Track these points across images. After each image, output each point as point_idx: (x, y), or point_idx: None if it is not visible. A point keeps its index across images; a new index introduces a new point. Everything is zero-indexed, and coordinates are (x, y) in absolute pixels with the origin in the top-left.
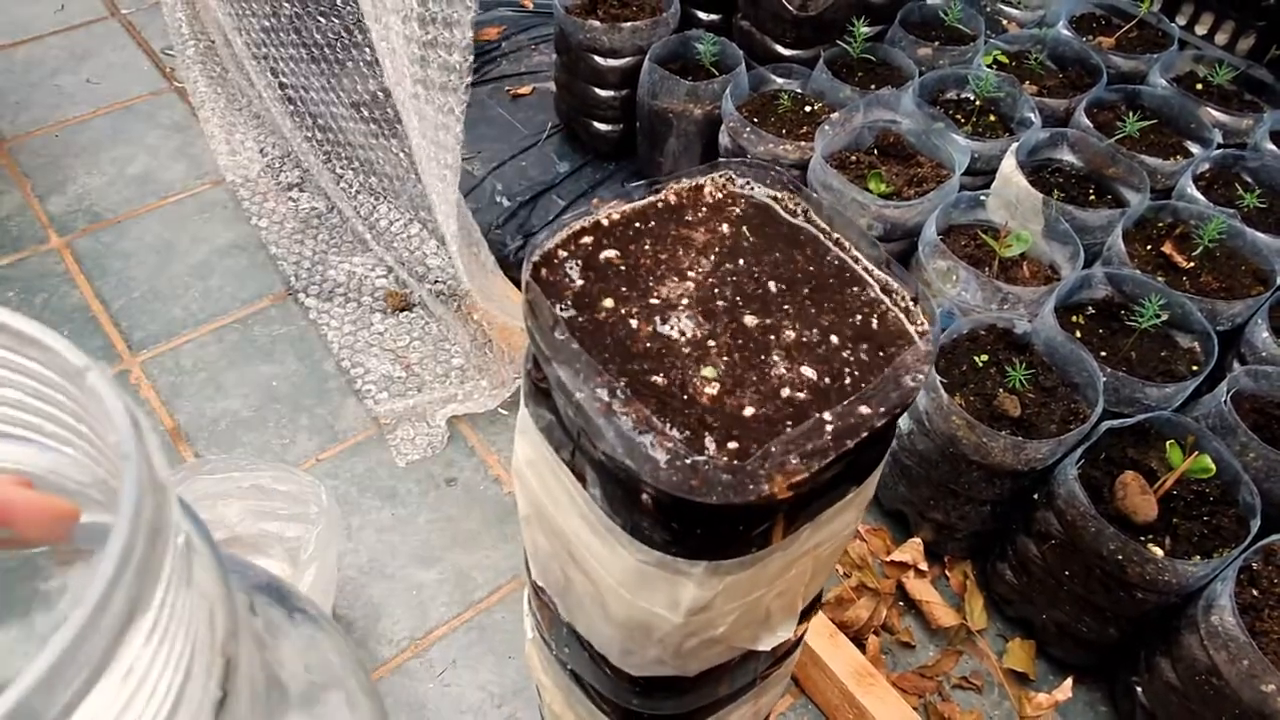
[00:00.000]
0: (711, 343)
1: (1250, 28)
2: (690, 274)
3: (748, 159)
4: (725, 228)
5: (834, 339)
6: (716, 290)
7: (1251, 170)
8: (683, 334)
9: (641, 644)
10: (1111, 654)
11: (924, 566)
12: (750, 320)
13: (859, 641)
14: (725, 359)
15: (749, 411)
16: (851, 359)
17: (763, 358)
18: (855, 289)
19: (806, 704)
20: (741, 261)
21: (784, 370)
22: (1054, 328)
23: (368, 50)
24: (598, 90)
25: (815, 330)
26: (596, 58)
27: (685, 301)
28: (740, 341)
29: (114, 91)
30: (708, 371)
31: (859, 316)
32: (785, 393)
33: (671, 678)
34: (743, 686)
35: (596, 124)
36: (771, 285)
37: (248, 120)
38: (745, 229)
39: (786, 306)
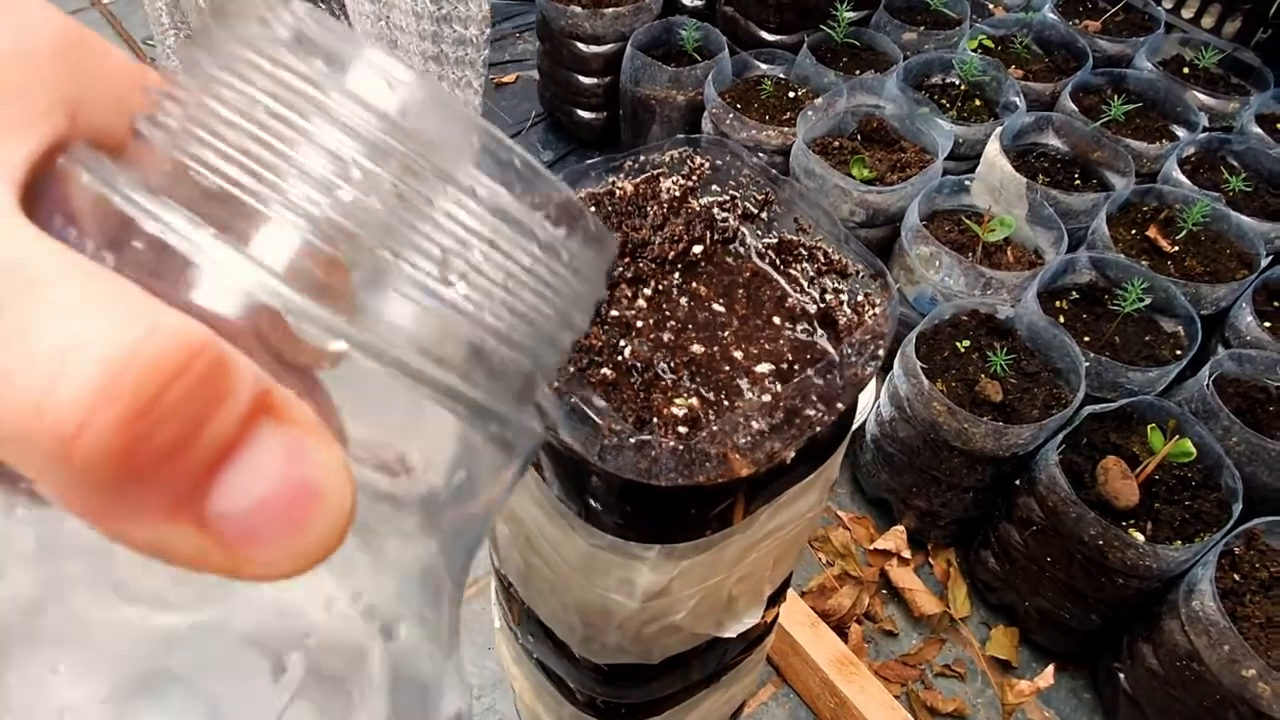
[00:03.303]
0: (662, 348)
1: (1236, 10)
2: (645, 274)
3: (706, 136)
4: (681, 225)
5: (786, 328)
6: (672, 289)
7: (1237, 154)
8: (635, 336)
9: (601, 630)
10: (1094, 640)
11: (907, 554)
12: (701, 318)
13: (841, 630)
14: (676, 360)
15: (698, 396)
16: (805, 346)
17: (715, 351)
18: (810, 278)
19: (788, 693)
20: (697, 262)
21: (736, 361)
22: (1037, 313)
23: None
24: (580, 77)
25: (767, 318)
26: (579, 44)
27: (638, 302)
28: (691, 343)
29: None
30: (659, 368)
31: (813, 305)
32: (737, 381)
33: (635, 665)
34: (712, 674)
35: (580, 112)
36: (727, 278)
37: None
38: (701, 226)
39: (739, 299)
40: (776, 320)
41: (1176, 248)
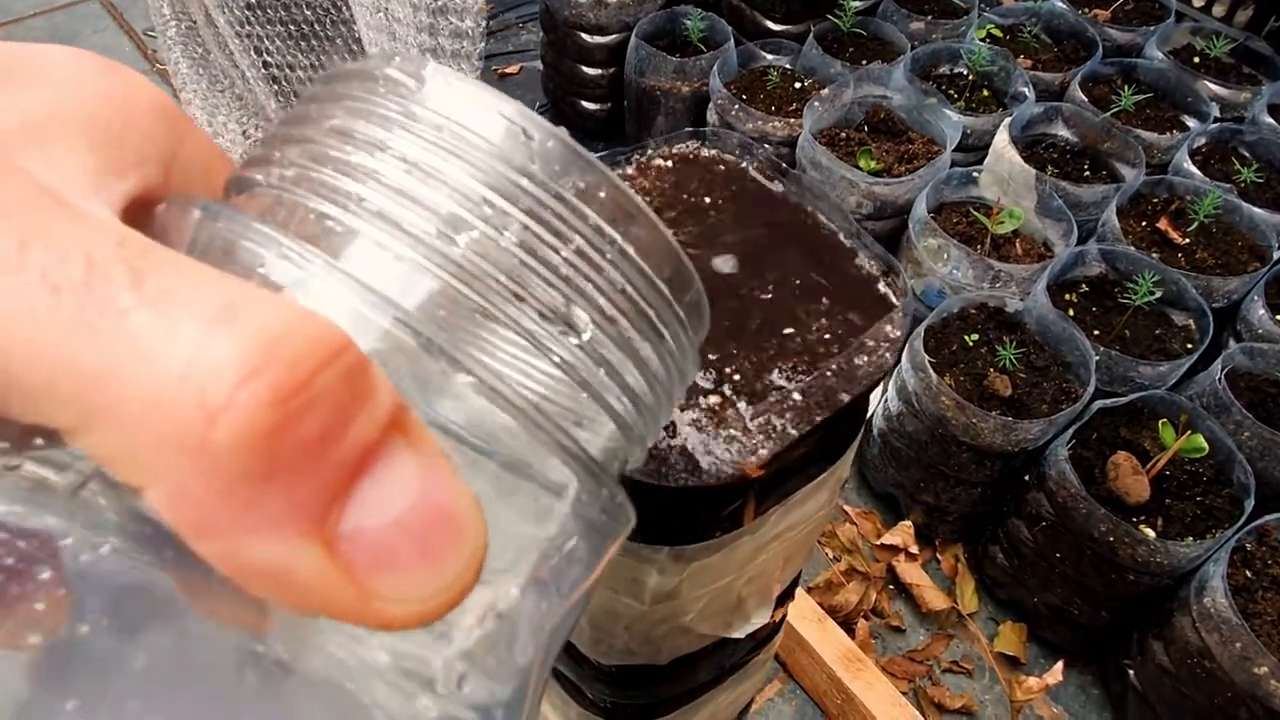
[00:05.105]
0: None
1: None
2: None
3: (714, 127)
4: (691, 203)
5: (799, 318)
6: None
7: (1249, 144)
8: None
9: (609, 632)
10: (1103, 637)
11: (914, 550)
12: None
13: (848, 626)
14: None
15: (710, 395)
16: (817, 338)
17: (727, 341)
18: (823, 266)
19: (795, 689)
20: (708, 238)
21: (748, 352)
22: (1046, 306)
23: (356, 26)
24: (585, 68)
25: (778, 312)
26: (583, 34)
27: None
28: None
29: None
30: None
31: (825, 296)
32: (748, 375)
33: (644, 666)
34: (721, 674)
35: (584, 103)
36: (736, 264)
37: (230, 102)
38: (711, 202)
39: (749, 288)
40: (786, 318)
41: (1187, 240)
